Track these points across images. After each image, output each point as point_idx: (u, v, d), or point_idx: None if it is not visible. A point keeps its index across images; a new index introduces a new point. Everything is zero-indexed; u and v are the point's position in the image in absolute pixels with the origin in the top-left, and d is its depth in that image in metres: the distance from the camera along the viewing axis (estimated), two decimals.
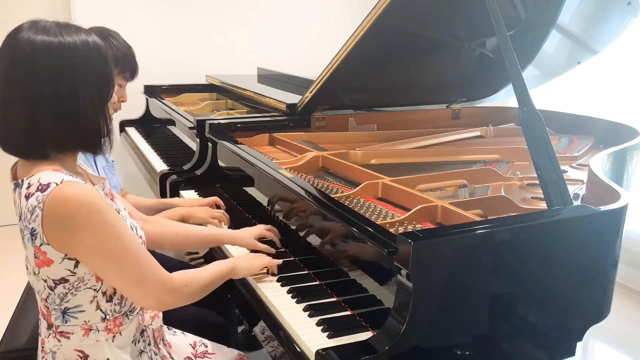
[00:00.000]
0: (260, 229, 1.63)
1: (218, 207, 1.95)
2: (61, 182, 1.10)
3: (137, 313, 1.29)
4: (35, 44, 1.10)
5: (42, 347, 1.27)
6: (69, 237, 1.10)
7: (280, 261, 1.50)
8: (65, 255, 1.12)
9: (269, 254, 1.54)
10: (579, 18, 2.30)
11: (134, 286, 1.18)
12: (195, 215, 1.81)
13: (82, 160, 1.31)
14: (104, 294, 1.19)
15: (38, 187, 1.10)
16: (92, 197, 1.10)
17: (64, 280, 1.15)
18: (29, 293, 1.77)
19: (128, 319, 1.26)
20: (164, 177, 2.28)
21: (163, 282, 1.21)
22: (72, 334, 1.20)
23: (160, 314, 1.39)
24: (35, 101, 1.10)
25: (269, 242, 1.62)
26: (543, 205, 1.47)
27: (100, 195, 1.15)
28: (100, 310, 1.20)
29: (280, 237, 1.65)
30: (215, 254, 1.74)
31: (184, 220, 1.81)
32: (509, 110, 2.74)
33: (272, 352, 1.34)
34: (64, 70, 1.11)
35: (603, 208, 1.32)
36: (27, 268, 1.21)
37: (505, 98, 2.68)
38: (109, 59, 1.20)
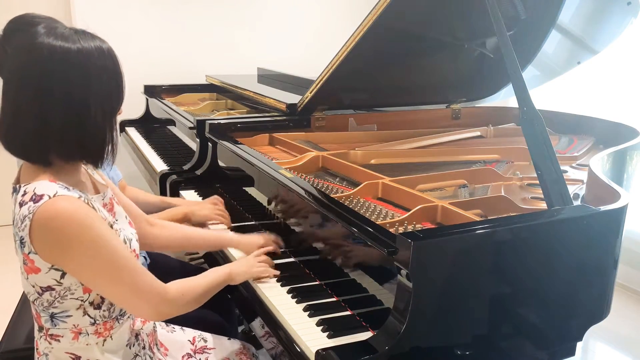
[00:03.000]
0: (264, 239, 1.61)
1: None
2: (54, 196, 1.09)
3: (128, 317, 1.29)
4: (54, 50, 1.10)
5: (37, 349, 1.27)
6: (59, 252, 1.10)
7: (277, 272, 1.49)
8: (52, 265, 1.12)
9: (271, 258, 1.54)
10: (579, 18, 2.30)
11: (131, 299, 1.18)
12: (198, 213, 1.81)
13: None
14: (90, 303, 1.19)
15: (32, 196, 1.10)
16: (83, 214, 1.10)
17: (50, 289, 1.15)
18: None
19: (118, 322, 1.26)
20: (164, 177, 2.28)
21: (159, 293, 1.21)
22: (62, 337, 1.21)
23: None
24: (47, 105, 1.10)
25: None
26: (543, 205, 1.47)
27: (92, 211, 1.14)
28: (89, 315, 1.20)
29: (281, 245, 1.63)
30: (215, 255, 1.74)
31: (186, 218, 1.81)
32: (509, 110, 2.74)
33: (271, 349, 1.34)
34: (78, 76, 1.11)
35: (603, 208, 1.32)
36: (21, 268, 1.21)
37: (505, 98, 2.68)
38: (120, 69, 1.20)
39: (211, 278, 1.37)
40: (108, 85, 1.16)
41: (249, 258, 1.50)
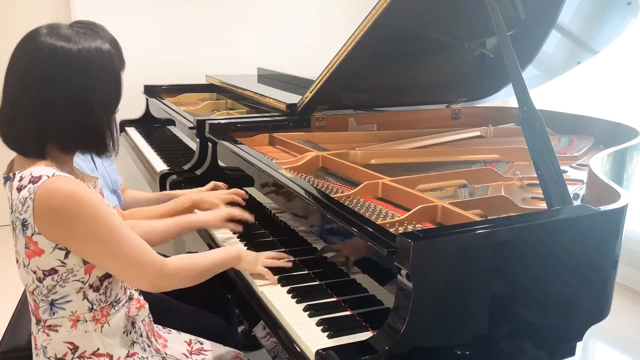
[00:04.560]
0: (226, 210, 1.69)
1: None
2: (52, 175, 1.14)
3: (123, 305, 1.32)
4: (55, 50, 1.14)
5: (35, 345, 1.29)
6: (61, 227, 1.14)
7: (276, 281, 1.46)
8: (56, 245, 1.16)
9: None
10: (579, 18, 2.30)
11: (129, 269, 1.22)
12: (207, 199, 1.80)
13: (79, 155, 1.33)
14: (90, 286, 1.22)
15: (30, 179, 1.14)
16: (82, 189, 1.15)
17: (53, 271, 1.18)
18: None
19: (114, 308, 1.28)
20: (164, 177, 2.29)
21: (156, 265, 1.24)
22: (60, 326, 1.23)
23: (146, 305, 1.41)
24: (49, 104, 1.14)
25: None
26: (543, 205, 1.47)
27: (88, 189, 1.18)
28: (87, 300, 1.22)
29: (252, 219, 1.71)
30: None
31: (196, 205, 1.81)
32: (509, 110, 2.74)
33: (273, 348, 1.34)
34: (80, 77, 1.16)
35: (603, 208, 1.32)
36: (17, 261, 1.23)
37: (505, 98, 2.67)
38: (119, 69, 1.24)
39: (216, 257, 1.40)
40: (107, 84, 1.20)
41: (259, 255, 1.50)
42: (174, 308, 1.74)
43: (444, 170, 1.89)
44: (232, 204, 1.80)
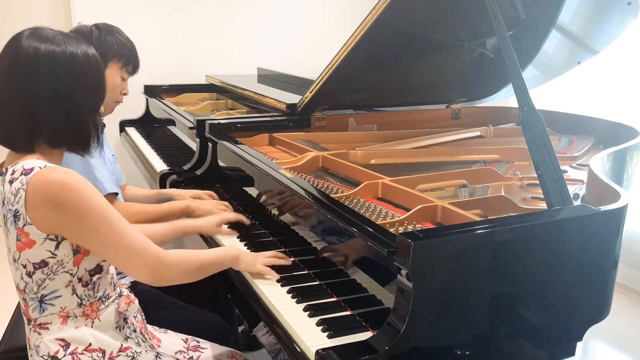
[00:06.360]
0: (220, 215, 1.71)
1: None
2: (45, 167, 1.16)
3: (113, 301, 1.32)
4: (39, 50, 1.18)
5: (29, 345, 1.30)
6: (56, 217, 1.15)
7: (281, 262, 1.49)
8: (47, 235, 1.17)
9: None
10: (579, 18, 2.30)
11: (127, 257, 1.22)
12: (201, 207, 1.82)
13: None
14: (79, 279, 1.23)
15: (22, 171, 1.16)
16: (75, 178, 1.17)
17: (43, 264, 1.19)
18: None
19: (104, 304, 1.29)
20: (164, 177, 2.29)
21: (155, 255, 1.25)
22: (51, 323, 1.23)
23: (136, 301, 1.41)
24: (34, 99, 1.18)
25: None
26: (543, 205, 1.47)
27: (83, 178, 1.20)
28: (76, 294, 1.23)
29: (248, 221, 1.71)
30: None
31: (187, 211, 1.81)
32: (509, 110, 2.74)
33: (273, 348, 1.34)
34: (64, 74, 1.19)
35: (603, 208, 1.32)
36: (8, 260, 1.24)
37: (505, 98, 2.68)
38: (103, 71, 1.28)
39: (215, 254, 1.42)
40: (91, 84, 1.24)
41: (257, 254, 1.50)
42: (174, 307, 1.74)
43: (444, 170, 1.89)
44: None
